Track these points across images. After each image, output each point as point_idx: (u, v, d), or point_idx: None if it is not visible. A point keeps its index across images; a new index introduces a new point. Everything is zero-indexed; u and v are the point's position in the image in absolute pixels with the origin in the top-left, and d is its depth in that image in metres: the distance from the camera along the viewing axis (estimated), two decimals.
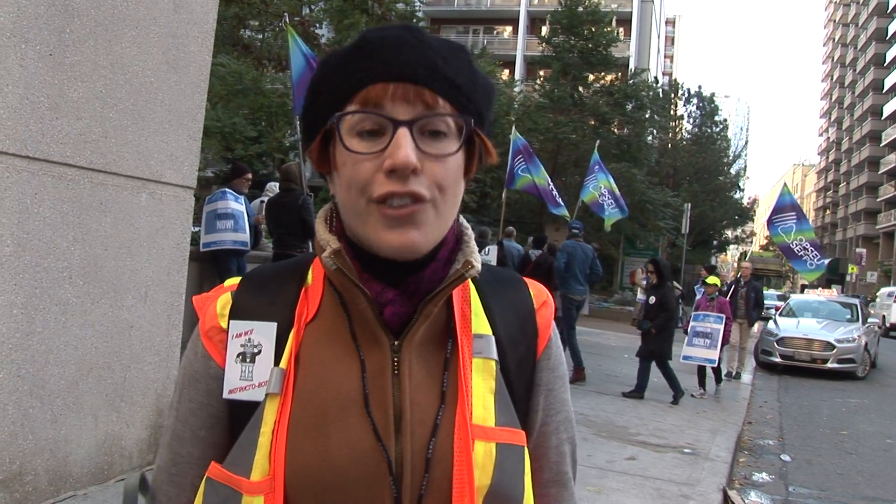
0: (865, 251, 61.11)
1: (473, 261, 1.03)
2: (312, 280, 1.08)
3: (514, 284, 1.16)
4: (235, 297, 1.08)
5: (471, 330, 1.05)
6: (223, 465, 1.00)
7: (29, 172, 3.67)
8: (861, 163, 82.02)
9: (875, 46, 78.68)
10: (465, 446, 0.96)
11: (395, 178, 0.92)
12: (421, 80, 0.94)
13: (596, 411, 8.80)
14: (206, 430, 1.06)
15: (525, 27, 47.50)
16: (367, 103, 0.94)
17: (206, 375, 1.06)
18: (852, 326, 16.88)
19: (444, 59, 0.97)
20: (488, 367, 1.03)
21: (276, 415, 0.97)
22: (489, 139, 1.05)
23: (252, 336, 1.04)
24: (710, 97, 43.68)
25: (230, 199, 8.08)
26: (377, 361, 1.00)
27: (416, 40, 0.97)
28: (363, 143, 0.95)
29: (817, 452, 8.67)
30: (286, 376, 0.99)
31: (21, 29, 3.57)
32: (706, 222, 39.03)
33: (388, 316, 1.00)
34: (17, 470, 3.69)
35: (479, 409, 0.99)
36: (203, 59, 4.73)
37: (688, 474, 6.47)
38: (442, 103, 0.96)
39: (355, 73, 0.96)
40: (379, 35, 0.98)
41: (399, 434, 0.97)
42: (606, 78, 28.90)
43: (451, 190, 0.98)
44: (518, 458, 1.01)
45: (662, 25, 63.15)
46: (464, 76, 0.99)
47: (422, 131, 0.95)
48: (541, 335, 1.13)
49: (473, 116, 0.99)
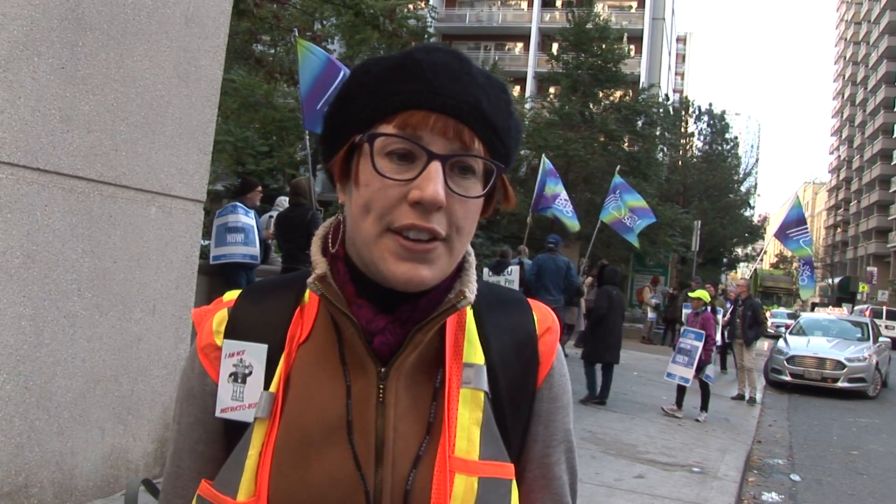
0: (876, 270, 60.91)
1: (467, 291, 1.01)
2: (309, 298, 1.07)
3: (516, 308, 1.13)
4: (232, 314, 1.07)
5: (461, 359, 1.03)
6: (213, 485, 1.00)
7: (39, 184, 3.69)
8: (872, 181, 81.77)
9: (886, 64, 78.61)
10: (443, 480, 0.95)
11: (420, 211, 0.92)
12: (464, 118, 0.93)
13: (604, 429, 8.75)
14: (204, 444, 1.07)
15: (536, 44, 47.65)
16: (405, 128, 0.93)
17: (203, 392, 1.06)
18: (863, 345, 16.77)
19: (489, 98, 0.96)
20: (476, 398, 1.01)
21: (263, 437, 0.97)
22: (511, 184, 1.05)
23: (244, 357, 1.03)
24: (720, 115, 43.59)
25: (241, 213, 8.10)
26: (362, 388, 0.99)
27: (465, 74, 0.96)
28: (392, 165, 0.93)
29: (827, 472, 8.60)
30: (275, 401, 0.99)
31: (34, 42, 3.59)
32: (716, 240, 38.88)
33: (377, 345, 0.99)
34: (23, 482, 3.69)
35: (463, 442, 0.98)
36: (214, 73, 4.75)
37: (696, 493, 6.42)
38: (477, 143, 0.95)
39: (398, 92, 0.94)
40: (429, 58, 0.96)
41: (380, 464, 0.96)
42: (616, 94, 28.90)
43: (467, 230, 0.98)
44: (503, 493, 0.99)
45: (673, 43, 63.26)
46: (503, 119, 0.98)
47: (452, 167, 0.94)
48: (542, 363, 1.11)
49: (503, 160, 0.99)
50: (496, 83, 1.00)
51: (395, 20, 14.28)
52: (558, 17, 43.97)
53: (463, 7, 50.14)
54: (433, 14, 22.97)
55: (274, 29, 15.31)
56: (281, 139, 19.21)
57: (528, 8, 50.02)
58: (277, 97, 18.18)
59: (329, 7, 16.67)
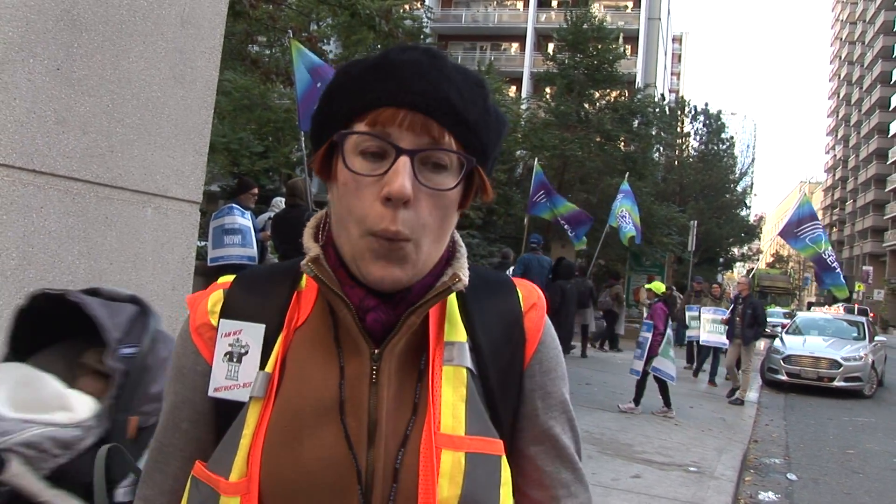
0: (872, 269, 61.06)
1: (462, 274, 1.04)
2: (306, 284, 1.08)
3: (501, 289, 1.15)
4: (227, 295, 1.09)
5: (443, 338, 1.05)
6: (206, 465, 1.01)
7: (35, 186, 3.68)
8: (868, 180, 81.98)
9: (882, 64, 78.80)
10: (430, 456, 0.96)
11: (390, 208, 0.94)
12: (431, 113, 0.95)
13: (601, 429, 8.76)
14: (189, 423, 1.08)
15: (532, 44, 47.64)
16: (375, 125, 0.95)
17: (193, 371, 1.07)
18: (859, 344, 16.79)
19: (460, 92, 0.98)
20: (459, 375, 1.03)
21: (258, 418, 0.98)
22: (490, 176, 1.06)
23: (240, 336, 1.04)
24: (716, 114, 43.62)
25: (237, 215, 8.10)
26: (356, 369, 1.00)
27: (436, 69, 0.98)
28: (365, 163, 0.96)
29: (824, 471, 8.62)
30: (271, 381, 1.00)
31: (29, 43, 3.59)
32: (712, 239, 38.92)
33: (370, 323, 1.00)
34: None
35: (448, 419, 0.99)
36: (210, 74, 4.75)
37: (693, 493, 6.43)
38: (448, 138, 0.97)
39: (369, 91, 0.97)
40: (400, 57, 0.98)
41: (372, 444, 0.98)
42: (612, 94, 28.93)
43: (436, 227, 0.99)
44: (492, 468, 1.00)
45: (669, 43, 63.31)
46: (475, 112, 0.99)
47: (423, 162, 0.96)
48: (529, 339, 1.12)
49: (478, 154, 1.01)
50: (472, 78, 1.02)
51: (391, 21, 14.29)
52: (554, 17, 44.03)
53: (459, 7, 50.15)
54: (429, 14, 23.00)
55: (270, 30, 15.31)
56: (277, 140, 19.19)
57: (524, 8, 50.04)
58: (273, 98, 18.17)
59: (325, 8, 16.67)
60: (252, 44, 16.67)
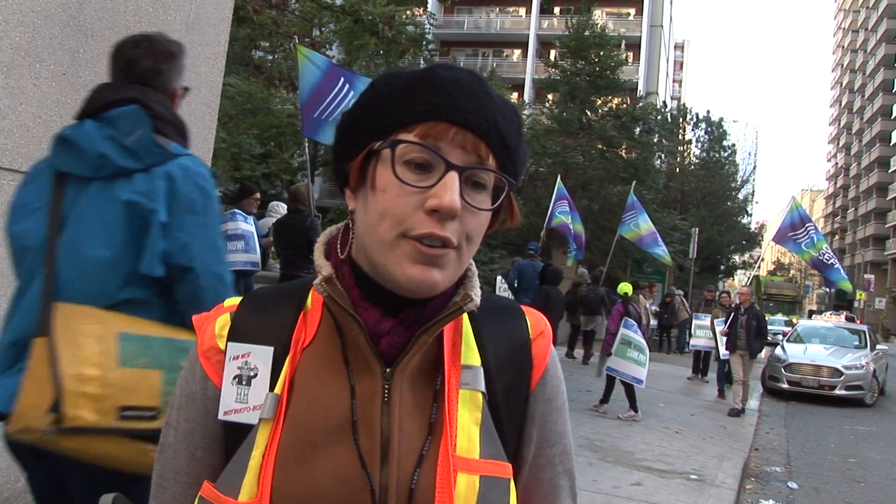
0: (874, 277, 61.01)
1: (473, 295, 1.04)
2: (312, 304, 1.08)
3: (510, 314, 1.16)
4: (234, 318, 1.08)
5: (460, 361, 1.06)
6: (215, 486, 1.01)
7: None
8: (869, 188, 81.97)
9: (884, 73, 78.84)
10: (447, 478, 0.96)
11: (436, 219, 0.94)
12: (481, 133, 0.97)
13: (601, 436, 8.75)
14: (203, 450, 1.07)
15: (534, 50, 47.73)
16: (427, 137, 0.96)
17: (203, 396, 1.06)
18: (860, 353, 16.76)
19: (504, 117, 1.00)
20: (475, 399, 1.04)
21: (267, 439, 0.98)
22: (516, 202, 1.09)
23: (249, 359, 1.04)
24: (718, 122, 43.67)
25: (240, 220, 8.10)
26: (367, 388, 1.01)
27: (484, 92, 1.00)
28: (410, 173, 0.96)
29: (825, 480, 8.60)
30: (280, 402, 1.00)
31: (36, 49, 3.61)
32: (714, 247, 38.92)
33: (384, 347, 1.01)
34: (23, 487, 3.68)
35: (464, 441, 1.00)
36: (214, 80, 4.76)
37: (694, 500, 6.43)
38: (492, 159, 0.99)
39: (421, 104, 0.97)
40: (450, 75, 0.99)
41: (385, 462, 0.98)
42: (614, 101, 28.96)
43: (475, 241, 1.01)
44: (503, 492, 1.01)
45: (671, 50, 63.42)
46: (514, 139, 1.02)
47: (466, 180, 0.97)
48: (536, 366, 1.13)
49: (512, 178, 1.02)
50: (511, 106, 1.04)
51: (394, 27, 14.33)
52: (556, 24, 44.10)
53: (461, 14, 50.21)
54: (431, 21, 23.04)
55: (273, 35, 15.35)
56: (279, 145, 19.22)
57: (527, 15, 50.13)
58: (276, 103, 18.20)
59: (328, 13, 16.72)
60: (255, 49, 16.71)
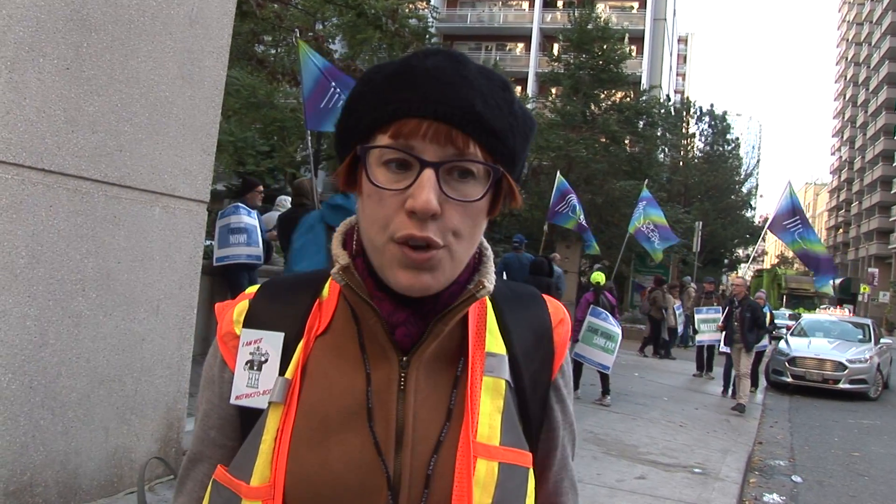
0: (878, 271, 60.75)
1: (486, 282, 1.03)
2: (328, 293, 1.09)
3: (532, 302, 1.16)
4: (252, 304, 1.10)
5: (484, 348, 1.05)
6: (228, 469, 1.03)
7: (44, 185, 3.70)
8: (874, 182, 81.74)
9: (888, 66, 78.56)
10: (467, 463, 0.96)
11: (415, 220, 0.93)
12: (455, 122, 0.93)
13: (605, 430, 8.75)
14: (216, 430, 1.09)
15: (538, 44, 47.66)
16: (398, 137, 0.94)
17: (221, 379, 1.09)
18: (864, 347, 16.75)
19: (484, 98, 0.95)
20: (498, 387, 1.03)
21: (278, 423, 0.99)
22: (518, 181, 1.05)
23: (261, 345, 1.06)
24: (721, 115, 43.59)
25: (243, 214, 8.11)
26: (384, 375, 1.01)
27: (459, 75, 0.95)
28: (389, 175, 0.95)
29: (829, 474, 8.60)
30: (291, 386, 1.01)
31: (39, 43, 3.61)
32: (717, 241, 38.88)
33: (399, 337, 1.01)
34: (28, 481, 3.70)
35: (485, 428, 1.00)
36: (218, 73, 4.76)
37: (698, 494, 6.43)
38: (473, 147, 0.95)
39: (391, 102, 0.95)
40: (423, 64, 0.96)
41: (400, 448, 0.98)
42: (617, 95, 28.91)
43: (467, 234, 0.98)
44: (521, 480, 1.01)
45: (675, 43, 63.26)
46: (502, 119, 0.97)
47: (449, 171, 0.95)
48: (557, 353, 1.14)
49: (506, 159, 0.99)
50: (497, 82, 0.99)
51: (397, 20, 14.30)
52: (559, 17, 43.97)
53: (464, 7, 50.18)
54: (434, 14, 22.98)
55: (276, 29, 15.33)
56: (282, 139, 19.21)
57: (530, 8, 50.05)
58: (279, 98, 18.18)
59: (331, 7, 16.69)
60: (258, 43, 16.69)
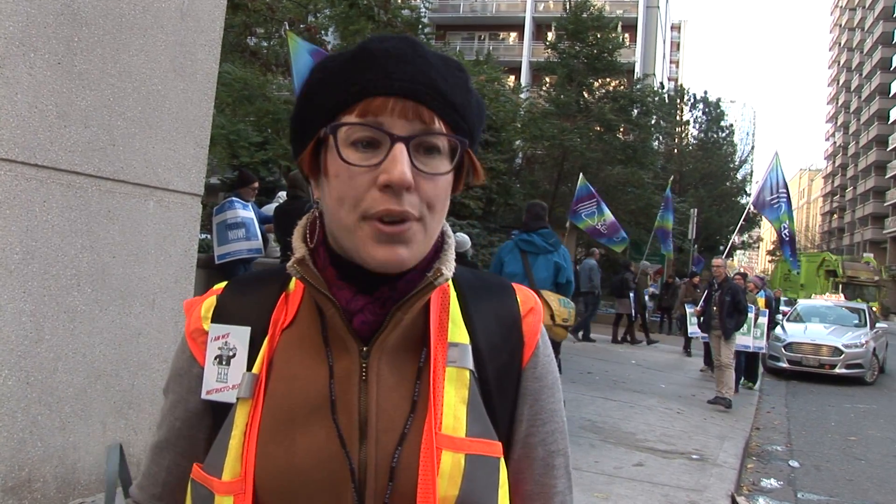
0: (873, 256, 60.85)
1: (444, 269, 1.03)
2: (295, 286, 1.10)
3: (500, 291, 1.15)
4: (219, 299, 1.12)
5: (446, 338, 1.05)
6: (202, 467, 1.03)
7: (37, 180, 3.69)
8: (868, 167, 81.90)
9: (881, 51, 78.59)
10: (430, 456, 0.96)
11: (390, 194, 0.94)
12: (421, 98, 0.96)
13: (603, 417, 8.78)
14: (181, 422, 1.11)
15: (531, 33, 47.56)
16: (366, 115, 0.95)
17: (189, 374, 1.10)
18: (860, 331, 16.81)
19: (444, 77, 0.99)
20: (462, 377, 1.03)
21: (246, 418, 1.00)
22: (477, 158, 1.07)
23: (228, 339, 1.07)
24: (715, 102, 43.59)
25: (238, 208, 8.10)
26: (345, 367, 1.01)
27: (418, 56, 0.98)
28: (358, 154, 0.96)
29: (826, 458, 8.65)
30: (257, 381, 1.02)
31: (30, 38, 3.59)
32: (713, 227, 38.94)
33: (357, 325, 1.01)
34: (27, 477, 3.70)
35: (450, 420, 0.99)
36: (210, 66, 4.75)
37: (696, 480, 6.46)
38: (438, 122, 0.97)
39: (355, 82, 0.96)
40: (381, 46, 0.98)
41: (364, 440, 0.98)
42: (611, 84, 28.87)
43: (439, 208, 1.00)
44: (490, 470, 1.00)
45: (668, 31, 63.21)
46: (460, 96, 1.00)
47: (417, 147, 0.96)
48: (527, 343, 1.12)
49: (466, 136, 1.01)
50: (452, 63, 1.02)
51: (390, 11, 14.26)
52: (552, 5, 43.98)
53: None
54: (427, 4, 22.89)
55: (268, 21, 15.28)
56: (276, 132, 19.15)
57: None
58: (272, 90, 18.12)
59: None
60: (251, 36, 16.64)
